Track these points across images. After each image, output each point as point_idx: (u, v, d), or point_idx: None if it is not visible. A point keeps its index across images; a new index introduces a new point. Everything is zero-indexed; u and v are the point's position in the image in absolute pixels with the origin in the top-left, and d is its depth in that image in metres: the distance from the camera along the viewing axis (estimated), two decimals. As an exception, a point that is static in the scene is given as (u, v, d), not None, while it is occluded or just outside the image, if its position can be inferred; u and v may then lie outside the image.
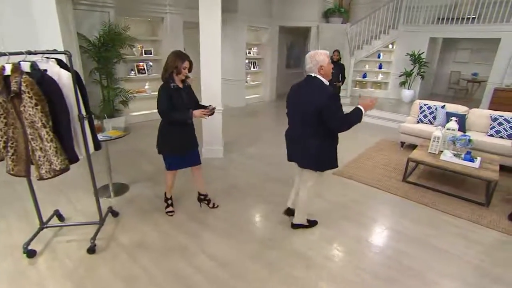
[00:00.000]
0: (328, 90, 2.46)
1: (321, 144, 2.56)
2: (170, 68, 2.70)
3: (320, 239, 2.91)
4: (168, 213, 3.20)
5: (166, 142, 2.92)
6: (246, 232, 2.97)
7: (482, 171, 3.69)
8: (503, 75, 7.63)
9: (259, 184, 3.98)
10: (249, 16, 7.94)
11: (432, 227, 3.16)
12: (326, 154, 2.63)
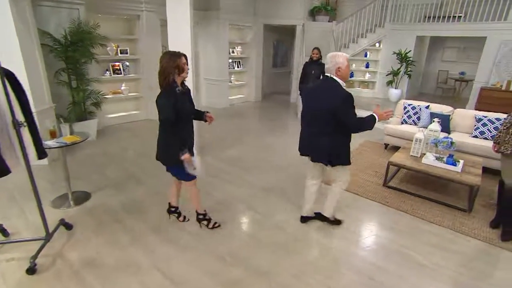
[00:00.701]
0: (343, 91, 2.49)
1: (334, 141, 2.62)
2: (171, 69, 2.34)
3: (287, 253, 2.68)
4: (215, 226, 2.97)
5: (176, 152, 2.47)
6: (208, 246, 2.73)
7: (464, 175, 3.51)
8: (489, 74, 7.51)
9: (231, 191, 3.75)
10: (232, 14, 7.69)
11: (410, 237, 2.96)
12: (340, 150, 2.70)
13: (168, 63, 2.34)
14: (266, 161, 4.66)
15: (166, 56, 2.37)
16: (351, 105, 2.50)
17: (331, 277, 2.40)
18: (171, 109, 2.35)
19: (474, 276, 2.47)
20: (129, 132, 5.91)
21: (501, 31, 7.18)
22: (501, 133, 2.97)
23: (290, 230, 3.00)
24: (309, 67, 5.58)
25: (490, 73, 7.49)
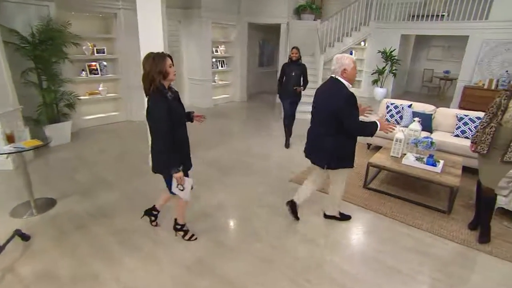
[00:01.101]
0: (345, 92, 2.50)
1: (338, 142, 2.62)
2: (155, 74, 2.12)
3: (254, 260, 2.54)
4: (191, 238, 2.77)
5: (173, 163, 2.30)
6: (173, 255, 2.58)
7: (444, 176, 3.42)
8: (472, 73, 7.52)
9: (207, 196, 3.59)
10: (214, 12, 7.52)
11: (387, 242, 2.85)
12: (343, 152, 2.69)
13: (151, 67, 2.11)
14: (246, 164, 4.51)
15: (149, 59, 2.13)
16: (353, 106, 2.51)
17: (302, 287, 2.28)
18: (165, 117, 2.14)
19: (450, 282, 2.38)
20: (107, 134, 5.69)
21: (482, 30, 7.20)
22: (478, 132, 2.89)
23: (266, 237, 2.86)
24: (288, 68, 4.92)
25: (473, 71, 7.51)
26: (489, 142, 2.72)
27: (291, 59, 4.89)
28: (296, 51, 4.91)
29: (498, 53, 7.11)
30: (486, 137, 2.76)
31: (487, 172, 2.82)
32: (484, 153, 2.77)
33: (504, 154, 2.65)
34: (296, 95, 5.00)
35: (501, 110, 2.67)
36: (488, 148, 2.74)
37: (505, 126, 2.66)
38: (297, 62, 4.92)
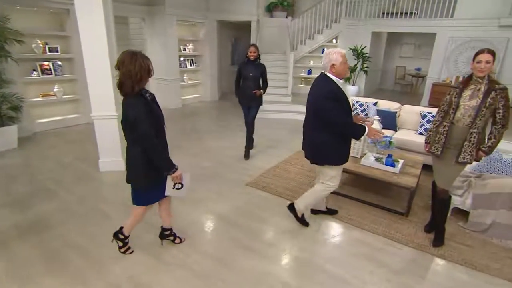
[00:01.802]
0: (326, 89, 2.46)
1: (324, 138, 2.58)
2: (144, 73, 1.97)
3: (193, 276, 2.31)
4: (126, 252, 2.53)
5: (148, 172, 2.15)
6: (103, 273, 2.31)
7: (401, 176, 3.29)
8: (440, 70, 7.52)
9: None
10: (180, 9, 7.20)
11: (339, 249, 2.69)
12: (330, 149, 2.61)
13: (141, 66, 1.94)
14: (196, 167, 4.24)
15: (136, 58, 1.94)
16: (334, 102, 2.43)
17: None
18: (148, 121, 1.98)
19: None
20: (62, 138, 5.31)
21: (449, 28, 7.20)
22: (431, 132, 2.76)
23: (204, 249, 2.63)
24: (245, 68, 4.27)
25: (441, 69, 7.51)
26: (443, 143, 2.59)
27: (249, 58, 4.25)
28: (254, 49, 4.25)
29: (463, 50, 7.13)
30: (439, 137, 2.62)
31: (442, 173, 2.70)
32: (438, 154, 2.63)
33: (459, 155, 2.52)
34: (255, 99, 4.38)
35: (453, 108, 2.54)
36: (442, 148, 2.60)
37: (458, 125, 2.53)
38: (254, 62, 4.28)
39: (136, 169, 2.14)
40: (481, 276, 2.43)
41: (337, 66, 2.45)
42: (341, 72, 2.50)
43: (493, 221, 2.95)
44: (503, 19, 6.41)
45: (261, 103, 4.55)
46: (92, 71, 3.66)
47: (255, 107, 4.48)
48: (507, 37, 6.56)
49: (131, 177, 2.20)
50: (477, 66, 2.38)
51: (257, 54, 4.29)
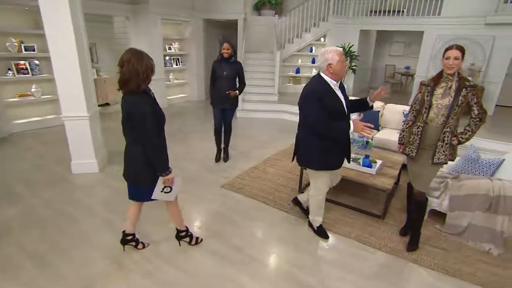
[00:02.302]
0: (311, 88, 2.38)
1: (306, 138, 2.52)
2: (149, 72, 1.99)
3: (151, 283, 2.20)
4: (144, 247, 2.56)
5: (148, 171, 2.15)
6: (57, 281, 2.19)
7: (378, 178, 3.20)
8: (427, 68, 7.44)
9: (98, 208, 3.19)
10: (164, 8, 7.06)
11: (309, 255, 2.59)
12: (310, 150, 2.52)
13: (147, 66, 1.97)
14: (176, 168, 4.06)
15: (143, 56, 1.97)
16: (314, 102, 2.32)
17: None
18: (153, 118, 2.01)
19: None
20: (39, 139, 5.15)
21: (436, 26, 7.12)
22: (404, 132, 2.66)
23: (168, 254, 2.52)
24: (219, 67, 3.91)
25: (428, 67, 7.43)
26: (418, 144, 2.49)
27: (222, 55, 3.88)
28: (228, 45, 3.85)
29: (451, 48, 7.04)
30: (413, 138, 2.52)
31: (418, 175, 2.59)
32: (413, 156, 2.53)
33: (434, 156, 2.42)
34: (229, 100, 4.01)
35: (425, 108, 2.44)
36: (417, 150, 2.50)
37: (431, 124, 2.44)
38: (229, 60, 3.90)
39: (137, 168, 2.14)
40: (453, 281, 2.35)
41: (334, 65, 2.31)
42: (339, 72, 2.35)
43: (469, 223, 2.86)
44: (489, 17, 6.33)
45: (237, 104, 4.26)
46: (60, 70, 3.52)
47: (230, 109, 4.14)
48: (493, 35, 6.49)
49: (131, 175, 2.21)
50: (446, 63, 2.30)
51: (231, 51, 3.91)
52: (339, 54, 2.33)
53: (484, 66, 6.69)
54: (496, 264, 2.54)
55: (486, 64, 6.69)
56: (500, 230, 2.75)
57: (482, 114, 2.33)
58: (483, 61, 6.71)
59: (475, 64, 6.75)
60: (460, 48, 2.28)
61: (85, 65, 3.76)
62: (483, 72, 6.72)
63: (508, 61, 6.51)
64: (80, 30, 3.66)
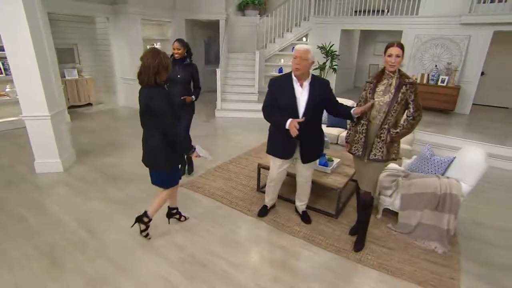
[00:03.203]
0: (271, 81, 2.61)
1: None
2: (161, 68, 2.19)
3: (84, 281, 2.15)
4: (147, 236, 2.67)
5: (169, 157, 2.39)
6: None
7: (331, 176, 3.15)
8: (406, 66, 7.37)
9: (75, 204, 3.15)
10: (144, 8, 6.98)
11: (246, 252, 2.54)
12: (268, 137, 2.79)
13: (160, 63, 2.18)
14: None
15: (159, 55, 2.20)
16: (268, 88, 2.60)
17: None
18: (170, 108, 2.21)
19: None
20: (13, 140, 5.09)
21: (414, 26, 7.06)
22: (350, 130, 2.59)
23: (107, 251, 2.47)
24: (172, 69, 3.06)
25: (407, 66, 7.36)
26: (363, 142, 2.42)
27: (173, 56, 3.35)
28: (178, 44, 3.30)
29: (428, 47, 7.00)
30: (359, 136, 2.46)
31: (362, 173, 2.54)
32: (359, 155, 2.47)
33: (370, 152, 2.37)
34: (186, 107, 3.49)
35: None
36: (362, 148, 2.44)
37: (374, 122, 2.38)
38: (182, 61, 3.39)
39: (158, 155, 2.33)
40: (391, 280, 2.29)
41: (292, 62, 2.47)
42: (292, 68, 2.46)
43: (418, 222, 2.81)
44: (464, 16, 6.27)
45: (194, 111, 3.69)
46: (18, 70, 3.47)
47: (187, 114, 3.58)
48: (469, 35, 6.42)
49: (151, 163, 2.41)
50: (388, 60, 2.24)
51: (183, 51, 3.36)
52: (295, 50, 2.43)
53: (461, 65, 6.63)
54: (438, 262, 2.49)
55: (463, 64, 6.62)
56: (446, 228, 2.70)
57: (416, 112, 2.28)
58: (459, 60, 6.64)
59: (452, 64, 6.68)
60: (401, 46, 2.23)
61: (46, 65, 3.70)
62: (460, 71, 6.65)
63: (483, 60, 6.45)
64: (39, 29, 3.59)
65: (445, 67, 6.74)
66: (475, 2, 6.13)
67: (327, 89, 2.57)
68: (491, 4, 6.00)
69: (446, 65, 6.73)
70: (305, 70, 2.42)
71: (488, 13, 6.02)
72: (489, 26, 6.12)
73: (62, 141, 3.95)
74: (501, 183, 4.01)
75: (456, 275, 2.37)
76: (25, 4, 3.28)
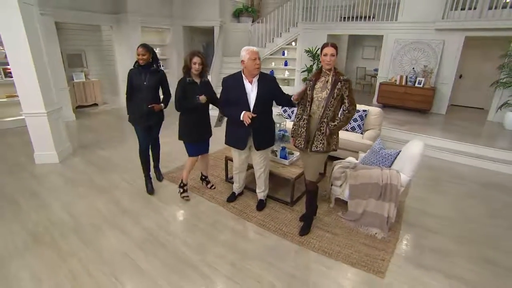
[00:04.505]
0: (224, 80, 2.75)
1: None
2: (186, 63, 2.85)
3: (57, 256, 2.32)
4: (184, 197, 3.24)
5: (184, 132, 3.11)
6: None
7: (288, 168, 3.25)
8: (388, 69, 7.36)
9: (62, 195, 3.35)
10: (144, 17, 7.19)
11: (200, 234, 2.66)
12: (226, 129, 2.96)
13: (185, 61, 2.86)
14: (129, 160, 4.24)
15: (187, 56, 2.86)
16: (222, 88, 2.77)
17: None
18: (181, 94, 2.92)
19: (240, 275, 2.19)
20: (21, 135, 5.33)
21: (394, 30, 7.03)
22: (295, 125, 2.68)
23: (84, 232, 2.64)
24: (137, 77, 3.01)
25: (388, 69, 7.35)
26: (305, 136, 2.52)
27: (138, 63, 2.99)
28: (143, 50, 2.92)
29: (407, 51, 6.95)
30: (301, 130, 2.55)
31: (306, 165, 2.64)
32: (302, 148, 2.56)
33: (312, 144, 2.46)
34: (155, 115, 3.18)
35: (308, 101, 2.46)
36: (304, 142, 2.53)
37: (314, 117, 2.47)
38: (150, 68, 3.03)
39: (179, 130, 3.05)
40: (326, 261, 2.38)
41: (245, 62, 2.53)
42: (249, 68, 2.55)
43: (364, 210, 2.88)
44: (438, 22, 6.22)
45: (163, 118, 3.33)
46: (17, 73, 3.68)
47: (157, 124, 3.33)
48: (443, 39, 6.37)
49: (179, 135, 3.06)
50: (324, 59, 2.32)
51: (148, 57, 2.98)
52: (249, 52, 2.53)
53: (436, 68, 6.58)
54: (375, 246, 2.56)
55: (438, 67, 6.57)
56: (387, 215, 2.77)
57: (351, 107, 2.37)
58: (435, 63, 6.59)
59: (427, 66, 6.64)
60: (335, 46, 2.31)
61: (43, 69, 3.90)
62: (435, 74, 6.61)
63: (457, 63, 6.39)
64: (37, 37, 3.79)
65: (422, 70, 6.70)
66: (448, 9, 6.08)
67: (274, 84, 2.73)
68: (462, 11, 5.94)
69: (423, 68, 6.68)
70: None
71: (459, 20, 5.96)
72: (460, 32, 6.07)
73: (58, 136, 4.16)
74: (457, 177, 4.03)
75: (388, 257, 2.44)
76: (24, 17, 3.48)
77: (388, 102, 7.21)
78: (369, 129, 4.32)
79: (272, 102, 2.76)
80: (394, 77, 7.16)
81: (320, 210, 3.06)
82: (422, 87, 6.59)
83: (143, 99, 3.07)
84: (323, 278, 2.20)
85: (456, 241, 2.66)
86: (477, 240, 2.69)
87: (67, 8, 6.05)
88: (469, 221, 3.00)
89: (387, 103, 7.25)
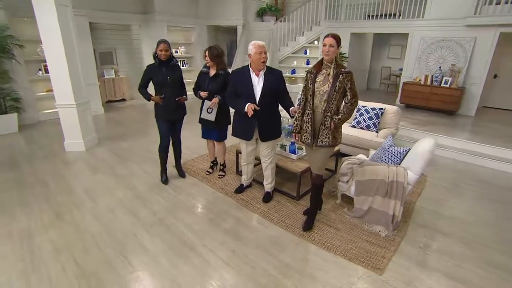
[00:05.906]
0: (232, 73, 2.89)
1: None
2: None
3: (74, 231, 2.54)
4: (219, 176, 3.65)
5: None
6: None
7: (296, 162, 3.26)
8: (413, 69, 7.05)
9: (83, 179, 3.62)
10: (170, 16, 7.50)
11: (204, 221, 2.76)
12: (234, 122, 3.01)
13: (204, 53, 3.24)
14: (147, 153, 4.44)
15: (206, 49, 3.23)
16: (230, 82, 2.87)
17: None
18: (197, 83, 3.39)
19: (236, 261, 2.26)
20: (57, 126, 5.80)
21: (420, 28, 6.72)
22: (297, 121, 2.68)
23: (100, 213, 2.85)
24: (159, 72, 3.11)
25: (413, 68, 7.03)
26: (311, 131, 2.51)
27: (159, 58, 3.06)
28: (166, 46, 3.04)
29: (434, 49, 6.61)
30: (306, 125, 2.54)
31: (312, 159, 2.63)
32: (309, 143, 2.56)
33: (317, 139, 2.46)
34: (180, 109, 3.32)
35: (310, 95, 2.44)
36: (311, 137, 2.53)
37: (317, 111, 2.44)
38: (169, 63, 3.13)
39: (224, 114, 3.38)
40: (324, 254, 2.37)
41: (252, 56, 2.61)
42: (256, 61, 2.62)
43: (369, 207, 2.83)
44: (469, 18, 5.85)
45: (186, 111, 3.45)
46: (53, 70, 4.06)
47: (180, 120, 3.43)
48: (474, 37, 5.97)
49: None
50: (323, 49, 2.30)
51: (170, 52, 3.10)
52: (255, 46, 2.59)
53: (466, 67, 6.19)
54: (377, 244, 2.51)
55: (468, 66, 6.18)
56: (392, 213, 2.69)
57: (353, 99, 2.33)
58: (464, 62, 6.20)
59: (456, 65, 6.27)
60: (335, 36, 2.28)
61: (75, 65, 4.24)
62: (464, 73, 6.22)
63: (490, 62, 5.96)
64: (71, 35, 4.13)
65: (449, 69, 6.33)
66: (481, 3, 5.69)
67: (280, 78, 2.77)
68: (497, 5, 5.53)
69: (450, 67, 6.32)
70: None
71: (494, 15, 5.56)
72: (495, 28, 5.65)
73: (85, 126, 4.49)
74: (478, 180, 3.78)
75: (389, 255, 2.38)
76: (60, 21, 3.83)
77: (411, 102, 6.92)
78: (385, 128, 4.19)
79: (277, 96, 2.79)
80: (419, 77, 6.84)
81: (326, 206, 3.04)
82: (448, 87, 6.24)
83: (170, 94, 3.16)
84: (319, 269, 2.20)
85: (466, 244, 2.53)
86: (489, 244, 2.54)
87: (101, 10, 6.49)
88: (485, 225, 2.83)
89: (411, 103, 6.95)
